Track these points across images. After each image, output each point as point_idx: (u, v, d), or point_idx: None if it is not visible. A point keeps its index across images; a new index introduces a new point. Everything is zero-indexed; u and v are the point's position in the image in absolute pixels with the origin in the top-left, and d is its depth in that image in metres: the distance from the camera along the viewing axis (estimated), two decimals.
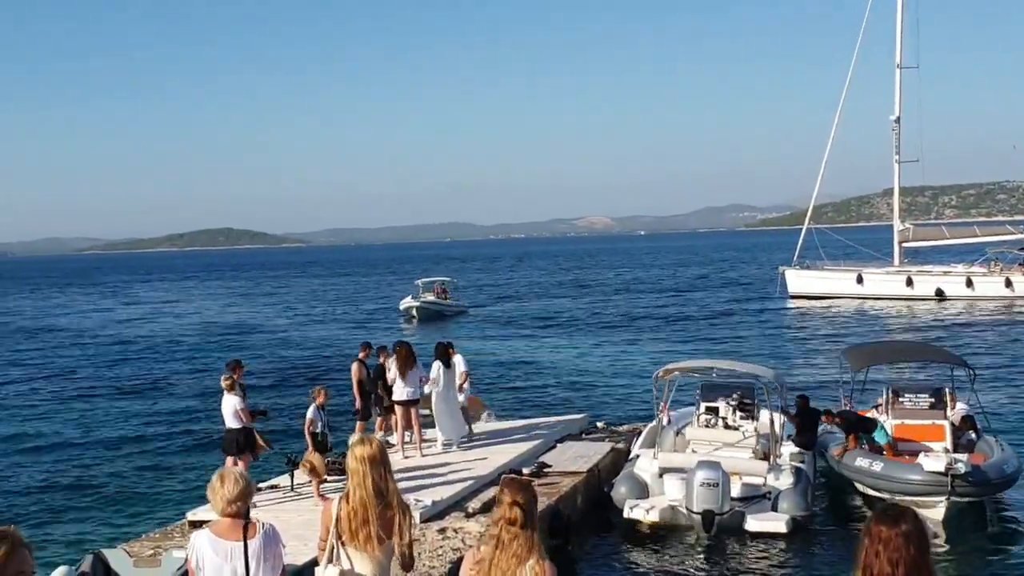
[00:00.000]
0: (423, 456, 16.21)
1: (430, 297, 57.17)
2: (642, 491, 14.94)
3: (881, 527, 4.00)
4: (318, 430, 14.86)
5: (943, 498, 14.19)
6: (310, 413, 14.92)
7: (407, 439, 16.84)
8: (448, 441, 17.05)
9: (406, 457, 16.12)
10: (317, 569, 5.81)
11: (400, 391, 16.43)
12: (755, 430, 16.40)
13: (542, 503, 13.51)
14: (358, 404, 17.13)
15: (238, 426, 14.39)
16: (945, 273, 56.24)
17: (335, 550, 5.68)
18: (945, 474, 13.96)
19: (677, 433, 16.97)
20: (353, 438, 6.19)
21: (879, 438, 16.11)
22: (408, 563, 5.83)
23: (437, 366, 16.98)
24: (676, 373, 17.54)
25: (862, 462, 15.38)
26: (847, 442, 16.12)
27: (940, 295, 53.88)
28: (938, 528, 14.34)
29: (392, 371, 16.54)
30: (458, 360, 17.60)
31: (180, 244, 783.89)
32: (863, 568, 4.01)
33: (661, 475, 15.11)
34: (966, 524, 14.55)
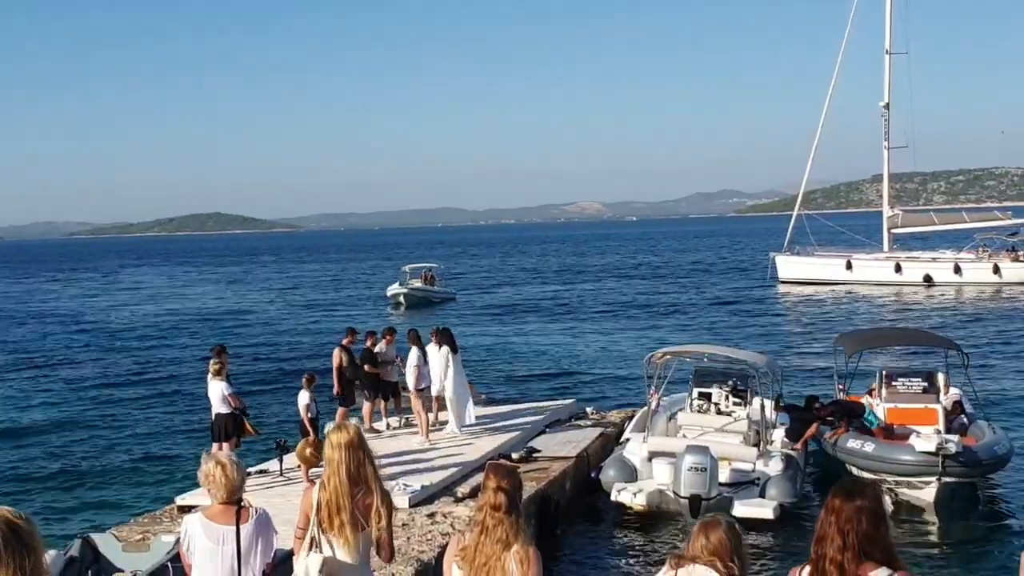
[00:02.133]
0: (430, 441, 16.27)
1: (417, 284, 57.01)
2: (630, 475, 14.94)
3: (836, 500, 4.18)
4: (314, 415, 14.90)
5: (934, 478, 14.30)
6: (305, 399, 14.90)
7: (407, 424, 17.00)
8: (465, 426, 17.11)
9: (430, 442, 16.27)
10: (299, 556, 5.76)
11: (423, 379, 16.58)
12: (747, 416, 16.41)
13: (531, 488, 13.55)
14: (335, 390, 17.13)
15: (226, 411, 14.41)
16: (933, 259, 56.40)
17: (317, 537, 5.66)
18: (936, 454, 14.05)
19: (669, 418, 16.98)
20: (330, 425, 6.16)
21: (872, 420, 16.21)
22: (387, 553, 5.74)
23: (446, 352, 16.94)
24: (668, 357, 17.51)
25: (854, 444, 15.47)
26: (839, 426, 16.24)
27: (928, 281, 54.02)
28: (929, 508, 14.47)
29: (416, 357, 16.64)
30: (431, 349, 17.20)
31: (170, 229, 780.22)
32: (818, 539, 4.18)
33: (650, 459, 15.07)
34: (958, 505, 14.64)
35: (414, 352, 16.79)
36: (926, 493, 14.54)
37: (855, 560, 4.07)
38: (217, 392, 14.42)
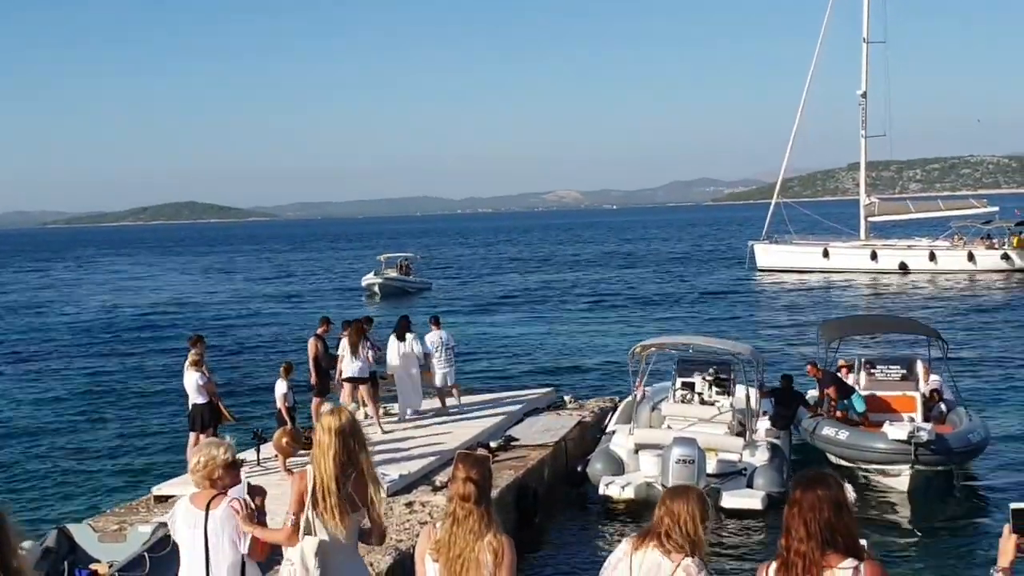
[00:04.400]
0: (384, 432, 16.18)
1: (392, 273, 56.67)
2: (618, 468, 14.95)
3: (797, 491, 4.25)
4: (291, 405, 14.84)
5: (906, 466, 14.38)
6: (283, 388, 14.82)
7: (385, 413, 17.02)
8: (408, 412, 17.38)
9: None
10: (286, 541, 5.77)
11: (349, 368, 16.51)
12: (731, 405, 16.44)
13: (509, 476, 13.56)
14: (313, 379, 17.08)
15: (202, 401, 14.34)
16: (909, 247, 56.80)
17: (311, 520, 5.64)
18: (908, 442, 14.14)
19: (653, 408, 16.97)
20: (324, 408, 6.15)
21: (857, 404, 16.29)
22: (378, 536, 5.82)
23: (391, 340, 17.37)
24: (652, 349, 17.53)
25: (829, 431, 15.54)
26: (828, 395, 16.31)
27: (904, 269, 54.39)
28: (903, 496, 14.55)
29: (342, 348, 16.61)
30: (435, 336, 17.86)
31: (144, 218, 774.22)
32: (784, 528, 4.25)
33: (637, 451, 15.10)
34: (933, 492, 14.71)
35: (342, 343, 16.80)
36: (899, 481, 14.63)
37: (819, 549, 4.12)
38: (192, 382, 14.34)
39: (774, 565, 4.30)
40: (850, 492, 4.86)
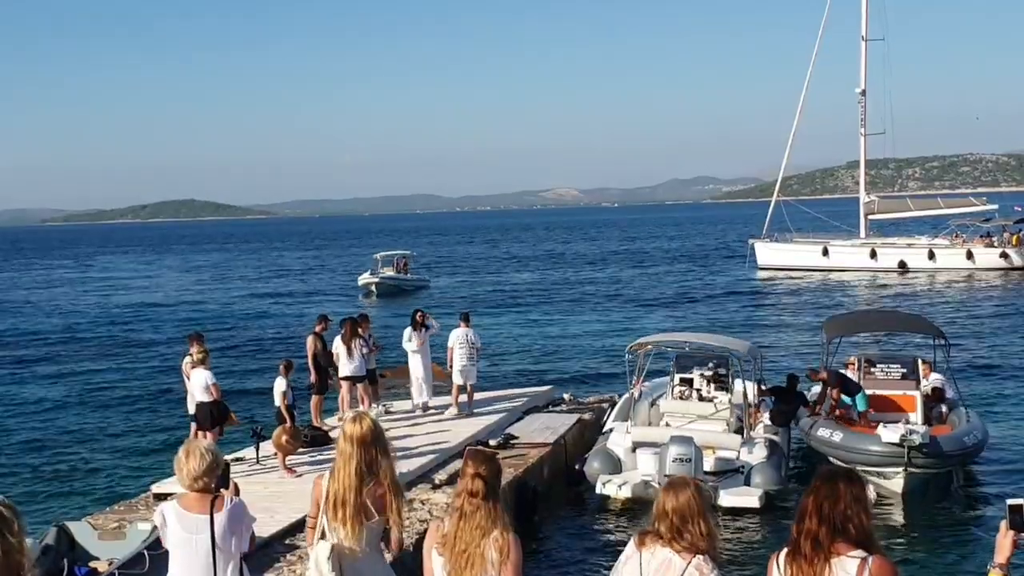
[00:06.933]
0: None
1: (389, 272, 56.39)
2: (615, 466, 14.92)
3: (817, 481, 4.31)
4: (291, 402, 14.82)
5: (900, 469, 14.23)
6: (282, 386, 14.78)
7: (386, 412, 17.12)
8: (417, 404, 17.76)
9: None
10: (311, 544, 5.77)
11: (345, 367, 16.58)
12: (729, 402, 16.41)
13: (509, 475, 13.53)
14: (312, 378, 17.08)
15: (208, 399, 14.28)
16: (908, 245, 56.78)
17: (326, 526, 5.63)
18: (901, 445, 14.01)
19: (651, 405, 16.95)
20: (347, 414, 6.14)
21: (860, 404, 16.21)
22: (394, 544, 5.77)
23: (407, 331, 17.84)
24: (649, 347, 17.51)
25: (824, 433, 15.43)
26: (830, 395, 16.22)
27: (903, 267, 54.39)
28: (898, 499, 14.44)
29: (336, 346, 16.68)
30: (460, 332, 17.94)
31: (143, 216, 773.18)
32: (799, 514, 4.30)
33: (634, 449, 15.09)
34: (930, 493, 14.60)
35: (336, 341, 16.88)
36: (894, 484, 14.50)
37: (829, 535, 4.14)
38: (201, 380, 14.23)
39: (784, 551, 4.32)
40: (871, 492, 4.86)
